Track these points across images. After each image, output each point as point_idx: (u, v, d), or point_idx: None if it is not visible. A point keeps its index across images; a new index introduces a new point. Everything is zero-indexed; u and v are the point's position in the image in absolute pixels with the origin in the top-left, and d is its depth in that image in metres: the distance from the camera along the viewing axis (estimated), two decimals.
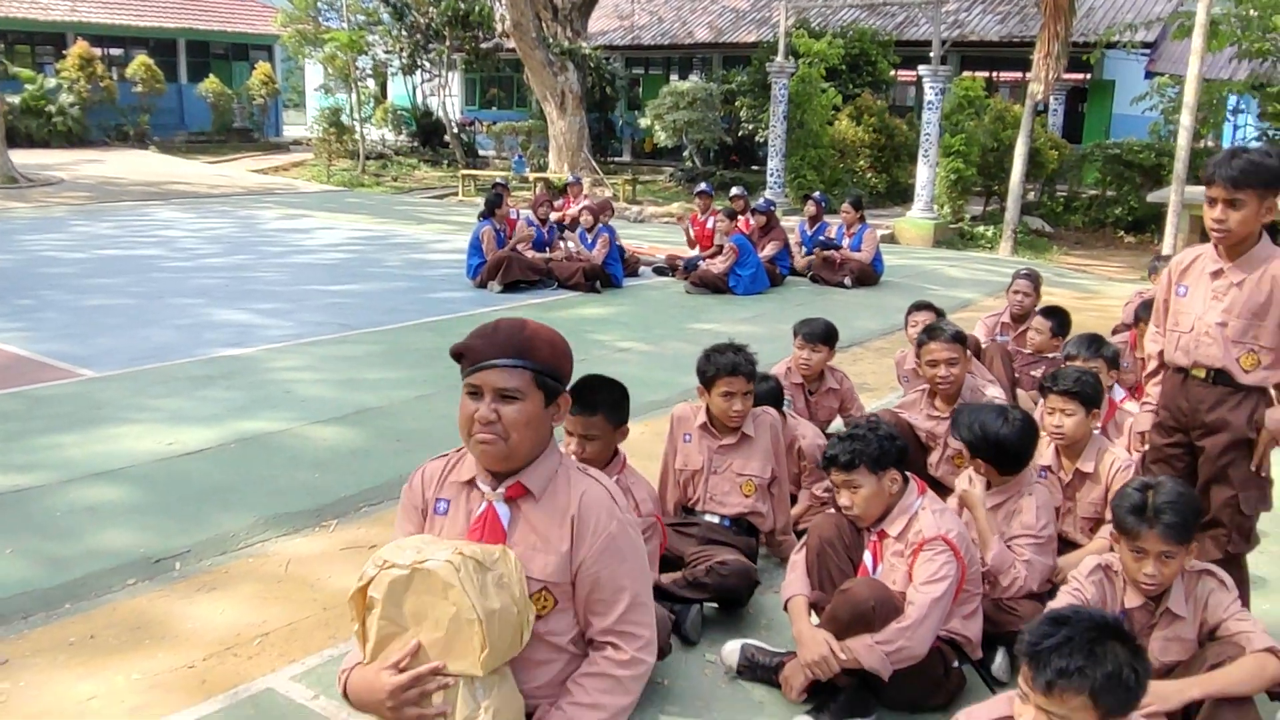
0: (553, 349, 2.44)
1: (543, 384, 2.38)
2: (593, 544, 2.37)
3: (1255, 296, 3.44)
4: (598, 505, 2.40)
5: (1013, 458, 3.59)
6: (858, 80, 21.27)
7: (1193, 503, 2.89)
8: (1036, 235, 17.61)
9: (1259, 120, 20.61)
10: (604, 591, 2.38)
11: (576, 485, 2.42)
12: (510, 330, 2.41)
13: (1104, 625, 2.13)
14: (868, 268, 11.56)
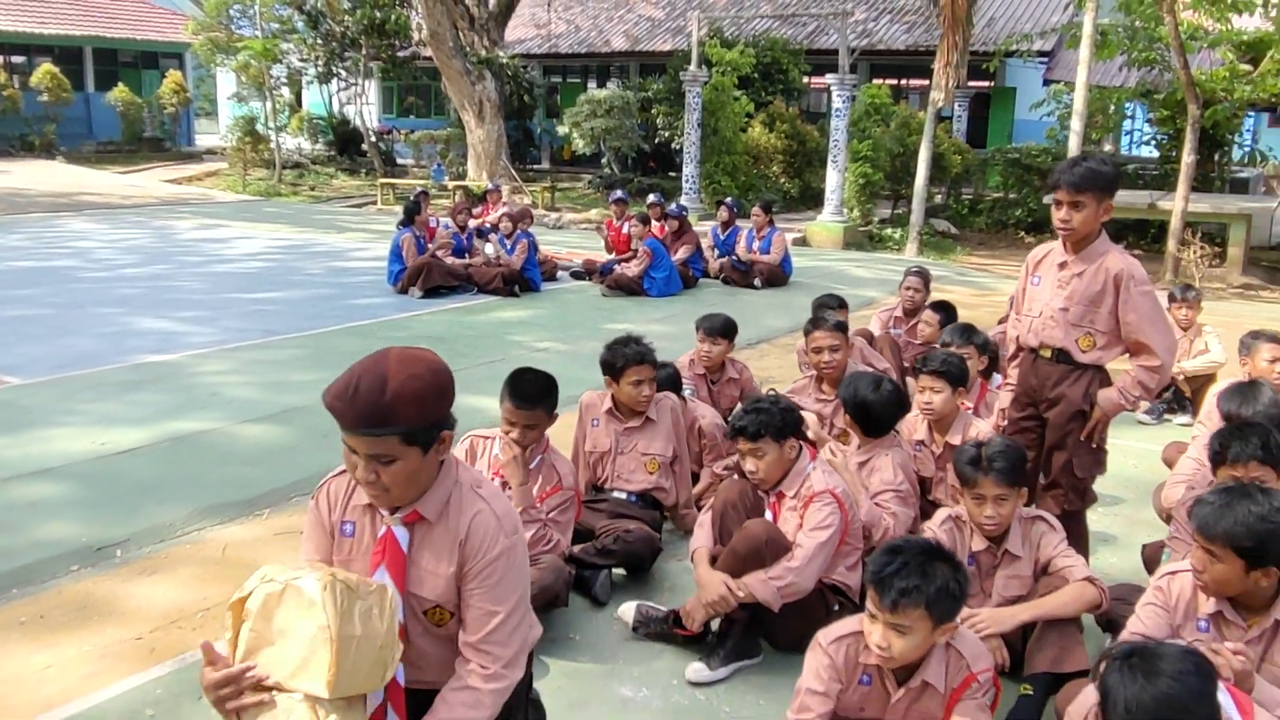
0: (419, 405, 2.27)
1: (415, 440, 2.29)
2: (474, 567, 2.40)
3: (1092, 286, 3.94)
4: (484, 531, 2.40)
5: (875, 420, 4.07)
6: (770, 88, 21.90)
7: (1018, 453, 3.38)
8: (942, 236, 18.39)
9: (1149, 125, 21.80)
10: (477, 611, 2.41)
11: (468, 509, 2.42)
12: (369, 395, 2.24)
13: (930, 549, 2.57)
14: (776, 269, 12.09)
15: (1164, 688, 2.09)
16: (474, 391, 7.10)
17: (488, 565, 2.38)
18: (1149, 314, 3.87)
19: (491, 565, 2.38)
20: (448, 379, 2.37)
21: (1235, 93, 17.74)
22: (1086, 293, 3.94)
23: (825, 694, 2.71)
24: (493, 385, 7.20)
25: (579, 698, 3.37)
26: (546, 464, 3.84)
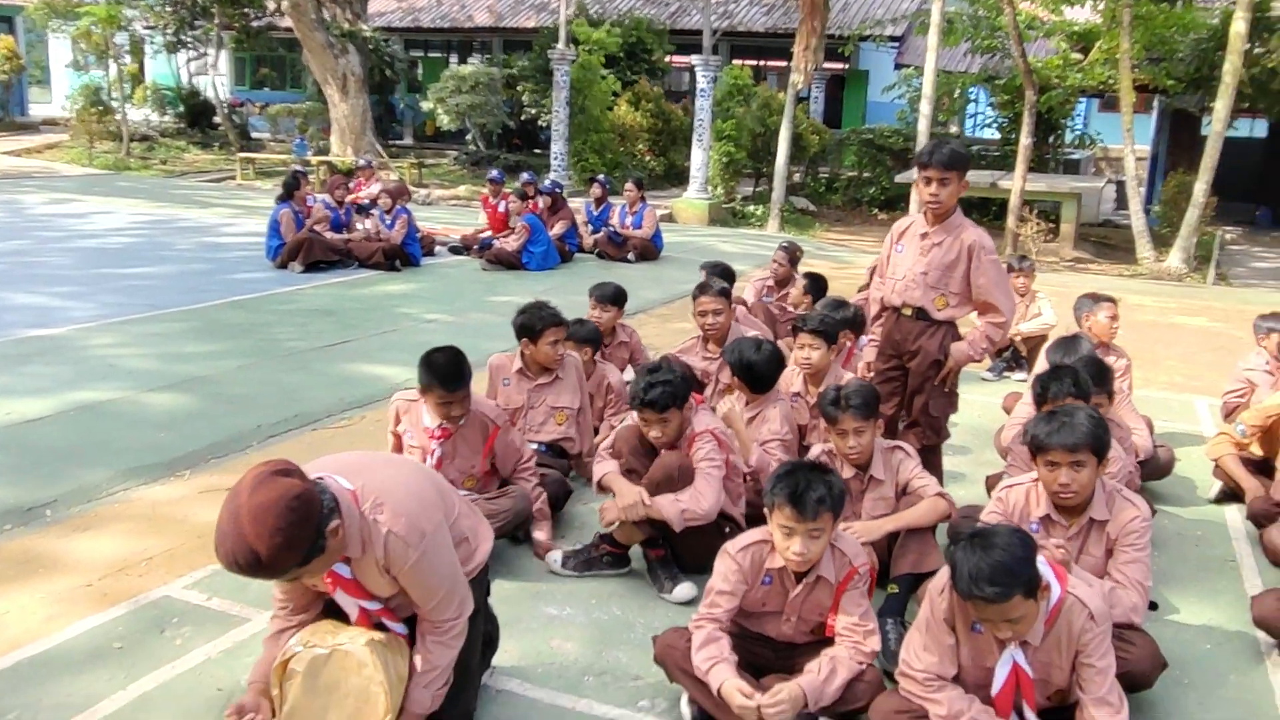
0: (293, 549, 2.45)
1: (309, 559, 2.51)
2: (401, 576, 2.74)
3: (949, 254, 4.57)
4: (395, 555, 2.69)
5: (760, 378, 4.62)
6: (635, 67, 22.38)
7: (871, 391, 4.01)
8: (801, 213, 19.29)
9: (992, 109, 23.27)
10: (418, 595, 2.80)
11: (377, 537, 2.68)
12: (251, 568, 2.45)
13: (817, 465, 3.10)
14: (649, 244, 12.63)
15: (997, 556, 2.67)
16: (371, 360, 7.39)
17: (410, 572, 2.75)
18: (996, 279, 4.54)
19: (413, 570, 2.75)
20: (304, 505, 2.46)
21: (1068, 80, 19.20)
22: (944, 260, 4.57)
23: (732, 593, 3.22)
24: (387, 354, 7.62)
25: (511, 616, 3.79)
26: (479, 410, 4.22)
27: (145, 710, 3.16)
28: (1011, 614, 2.68)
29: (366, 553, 2.70)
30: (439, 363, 4.11)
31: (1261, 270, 16.58)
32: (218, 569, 4.05)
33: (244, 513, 2.43)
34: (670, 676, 3.25)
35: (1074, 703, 2.89)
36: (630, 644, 3.70)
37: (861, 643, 3.15)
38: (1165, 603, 4.18)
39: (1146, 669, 3.27)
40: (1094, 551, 3.50)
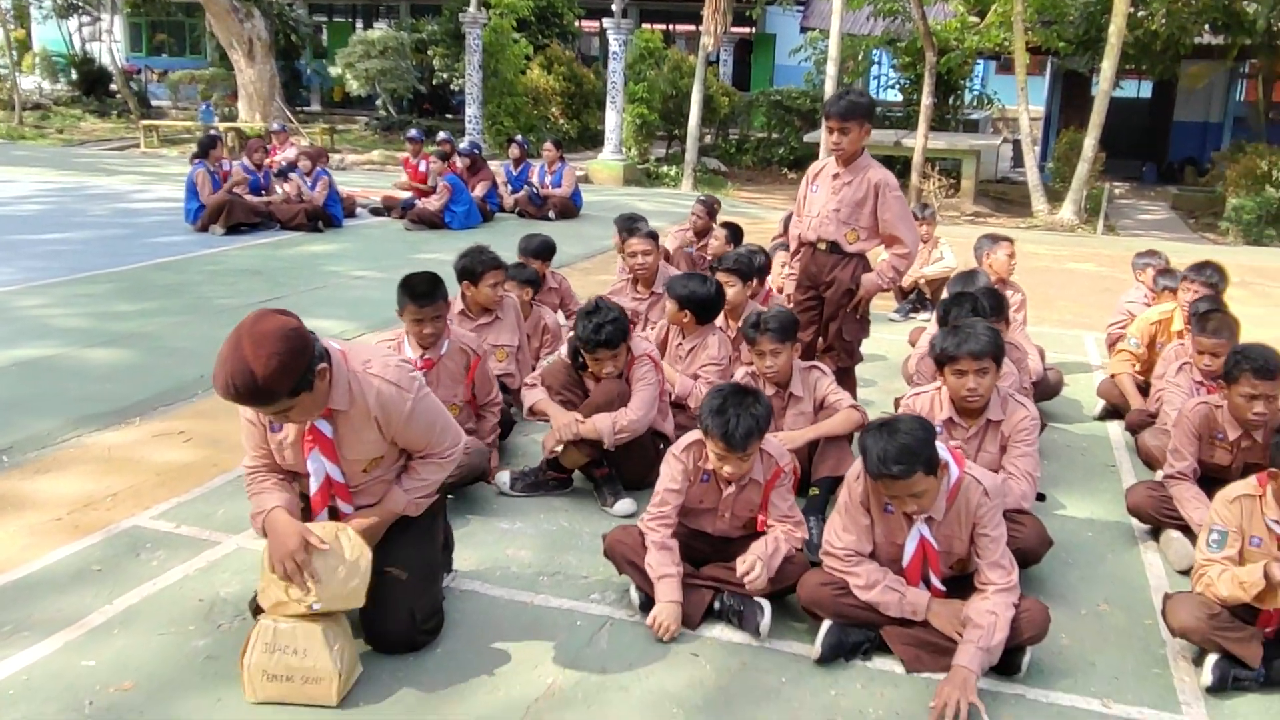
0: (287, 374, 2.69)
1: (299, 391, 2.76)
2: (397, 424, 3.02)
3: (858, 192, 4.97)
4: (391, 401, 2.98)
5: (707, 309, 5.01)
6: (546, 31, 22.45)
7: (788, 315, 4.41)
8: (714, 174, 19.67)
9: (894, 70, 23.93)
10: (416, 440, 3.12)
11: (369, 389, 2.95)
12: (246, 387, 2.67)
13: (742, 392, 3.45)
14: (568, 202, 12.88)
15: (901, 440, 3.06)
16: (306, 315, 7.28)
17: (406, 419, 3.05)
18: (900, 213, 4.95)
19: (410, 416, 3.05)
20: (299, 337, 2.76)
21: (966, 42, 19.89)
22: (854, 197, 4.97)
23: (679, 490, 3.57)
24: (321, 309, 7.78)
25: (467, 531, 4.10)
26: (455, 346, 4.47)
27: (133, 620, 3.39)
28: (916, 489, 3.09)
29: (354, 406, 2.96)
30: (414, 280, 4.36)
31: (1146, 221, 17.55)
32: (182, 500, 4.31)
33: (245, 338, 2.70)
34: (619, 569, 3.60)
35: (973, 571, 3.32)
36: (578, 549, 4.04)
37: (793, 530, 3.55)
38: (1054, 500, 4.68)
39: (1035, 546, 3.74)
40: (990, 449, 3.95)
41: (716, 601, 3.48)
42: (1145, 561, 4.15)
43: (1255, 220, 15.62)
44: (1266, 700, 3.17)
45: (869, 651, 3.31)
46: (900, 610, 3.25)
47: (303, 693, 2.95)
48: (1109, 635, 3.55)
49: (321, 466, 3.10)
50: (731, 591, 3.45)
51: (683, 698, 3.07)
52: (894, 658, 3.27)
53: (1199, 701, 3.16)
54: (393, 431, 3.07)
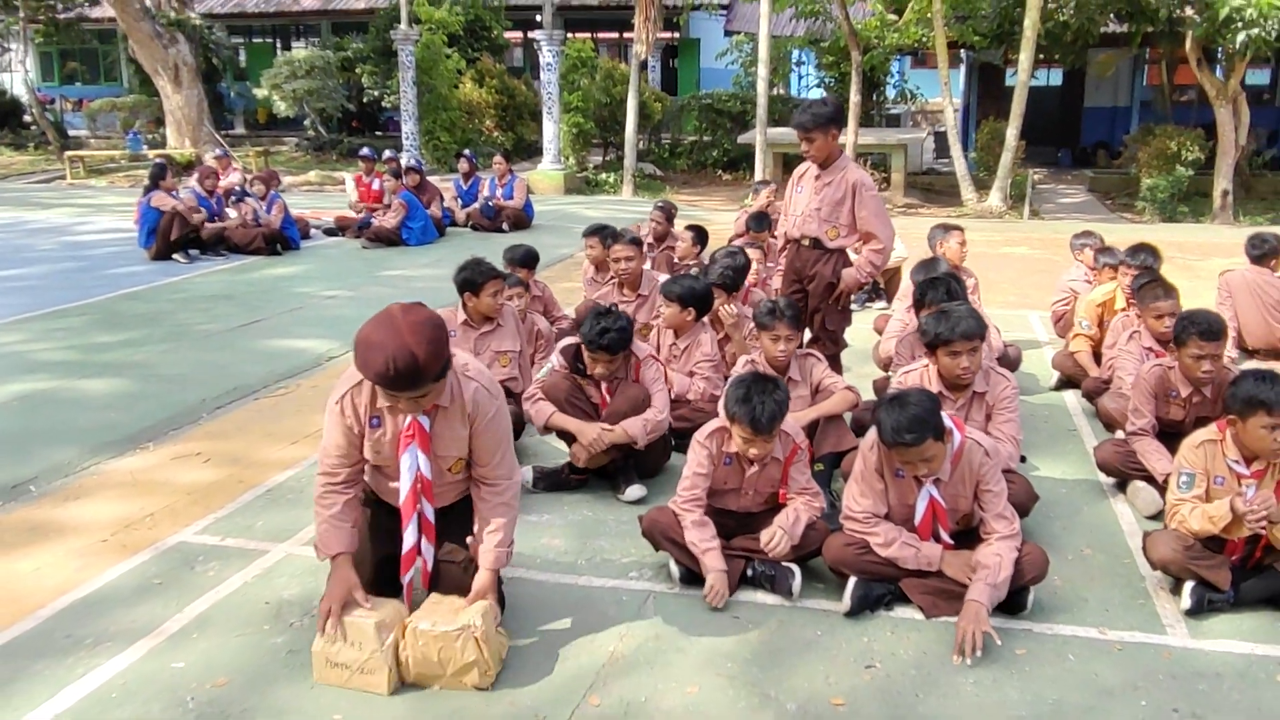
0: (440, 359, 3.01)
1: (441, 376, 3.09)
2: (481, 424, 3.30)
3: (836, 193, 5.36)
4: (484, 401, 3.29)
5: (705, 304, 5.40)
6: (477, 45, 22.61)
7: (798, 307, 4.75)
8: (651, 179, 20.06)
9: (818, 70, 24.57)
10: (487, 446, 3.36)
11: (467, 388, 3.26)
12: (408, 370, 2.93)
13: (763, 380, 3.78)
14: (521, 213, 13.14)
15: (912, 411, 3.43)
16: (290, 336, 7.74)
17: (490, 422, 3.34)
18: (875, 211, 5.35)
19: (492, 421, 3.35)
20: (443, 329, 3.05)
21: (886, 39, 20.56)
22: (834, 197, 5.36)
23: (706, 474, 3.89)
24: (303, 329, 7.97)
25: None
26: None
27: (208, 625, 3.61)
28: (927, 454, 3.46)
29: (454, 404, 3.27)
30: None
31: (1067, 205, 18.36)
32: (219, 515, 4.52)
33: (403, 326, 2.97)
34: (656, 545, 3.91)
35: (977, 525, 3.70)
36: (608, 534, 4.36)
37: (812, 500, 3.90)
38: (1028, 464, 5.10)
39: (1024, 500, 4.14)
40: (977, 417, 4.35)
41: (749, 569, 3.82)
42: (1116, 511, 4.60)
43: (1169, 198, 16.49)
44: (1237, 618, 3.62)
45: (891, 603, 3.68)
46: (917, 563, 3.62)
47: (358, 681, 3.19)
48: (1095, 574, 3.97)
49: (414, 462, 3.28)
50: (762, 559, 3.79)
51: (734, 654, 3.40)
52: (914, 606, 3.65)
53: (1180, 623, 3.59)
54: (476, 431, 3.33)
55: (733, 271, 6.04)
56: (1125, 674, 3.28)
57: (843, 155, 5.40)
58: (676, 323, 5.44)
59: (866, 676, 3.27)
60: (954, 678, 3.26)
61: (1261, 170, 19.85)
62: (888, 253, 5.48)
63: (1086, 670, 3.30)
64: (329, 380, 6.74)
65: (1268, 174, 19.86)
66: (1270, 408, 3.52)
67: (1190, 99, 20.15)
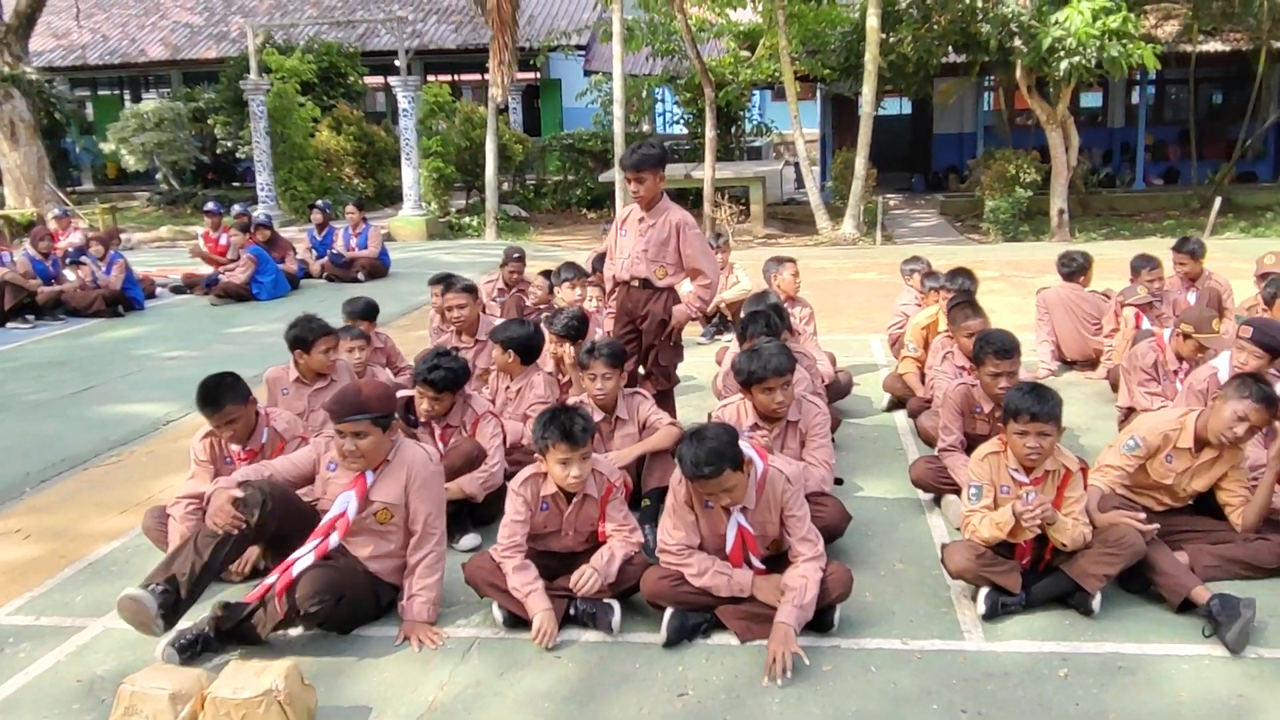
0: (380, 401, 3.86)
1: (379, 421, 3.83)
2: (416, 484, 3.92)
3: (661, 234, 5.53)
4: (421, 464, 3.95)
5: (530, 350, 5.48)
6: (332, 92, 22.37)
7: (619, 346, 4.88)
8: (515, 220, 20.13)
9: (677, 107, 25.11)
10: (419, 507, 3.93)
11: (411, 451, 4.00)
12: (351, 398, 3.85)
13: (566, 406, 3.88)
14: (377, 262, 13.04)
15: (709, 445, 3.57)
16: (124, 401, 7.53)
17: (425, 484, 3.95)
18: (700, 249, 5.53)
19: (426, 482, 3.96)
20: (395, 399, 4.01)
21: (740, 75, 21.21)
22: (659, 238, 5.52)
23: (524, 521, 3.96)
24: (139, 393, 7.78)
25: None
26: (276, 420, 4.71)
27: (15, 708, 3.49)
28: (726, 484, 3.61)
29: (395, 461, 3.94)
30: (200, 387, 4.51)
31: (919, 229, 19.15)
32: (36, 594, 4.40)
33: (365, 384, 4.22)
34: (480, 593, 3.96)
35: (786, 549, 3.85)
36: None
37: (629, 536, 4.00)
38: (853, 484, 5.33)
39: (837, 522, 4.34)
40: (791, 445, 4.54)
41: (571, 608, 3.89)
42: (930, 524, 4.83)
43: (1010, 219, 17.38)
44: (1028, 619, 3.86)
45: (708, 630, 3.80)
46: (730, 590, 3.75)
47: None
48: (905, 587, 4.17)
49: (344, 504, 3.87)
50: (583, 598, 3.87)
51: (552, 693, 3.46)
52: (729, 632, 3.77)
53: (977, 628, 3.81)
54: (412, 490, 3.91)
55: (576, 322, 6.18)
56: (922, 681, 3.46)
57: (664, 197, 5.57)
58: (505, 367, 5.53)
59: (679, 704, 3.38)
60: (762, 699, 3.38)
61: (1097, 189, 21.10)
62: (714, 287, 5.67)
63: (886, 680, 3.47)
64: (166, 445, 6.60)
65: (1103, 192, 21.13)
66: (1017, 414, 3.80)
67: (1029, 123, 21.29)
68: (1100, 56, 14.99)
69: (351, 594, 3.82)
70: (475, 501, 4.70)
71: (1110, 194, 21.21)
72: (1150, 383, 5.91)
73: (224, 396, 4.49)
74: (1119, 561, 3.83)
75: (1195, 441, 4.22)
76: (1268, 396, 4.05)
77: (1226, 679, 3.44)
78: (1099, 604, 3.84)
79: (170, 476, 5.81)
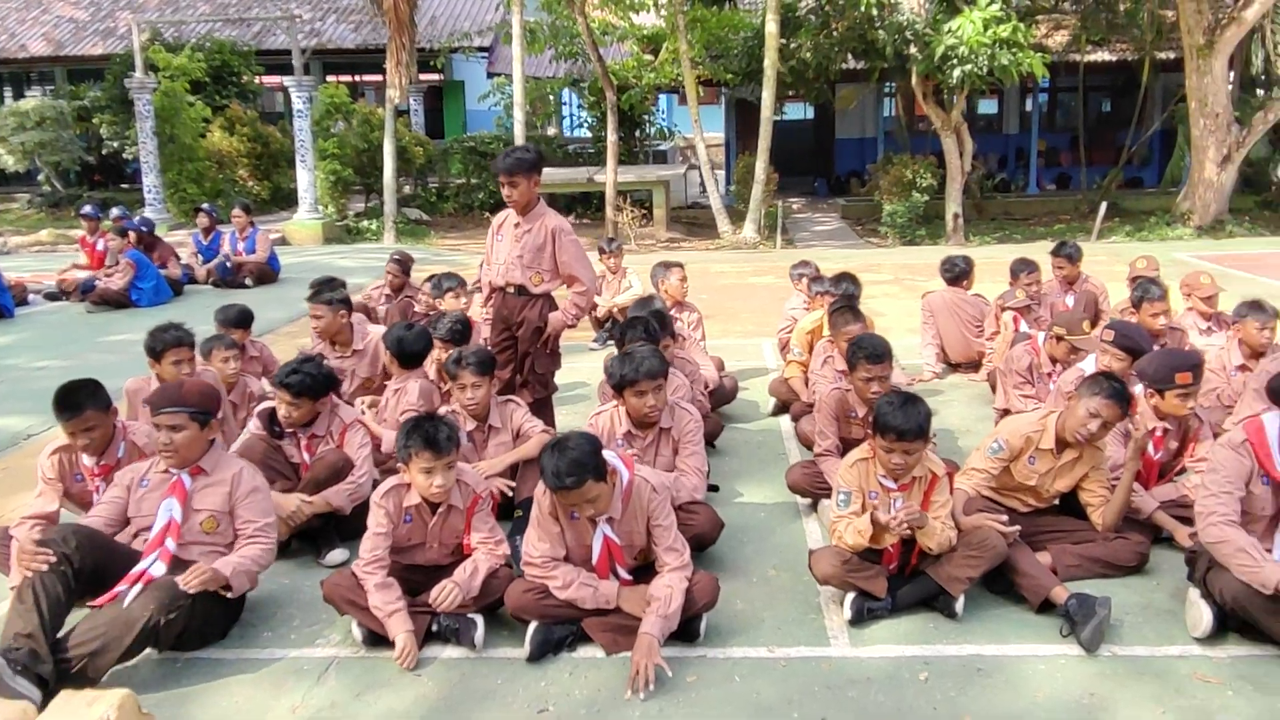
0: (202, 398, 3.95)
1: (199, 418, 3.89)
2: (241, 498, 3.92)
3: (537, 239, 5.43)
4: (246, 478, 3.97)
5: (410, 355, 5.41)
6: (224, 92, 21.74)
7: (487, 354, 4.79)
8: (416, 224, 19.79)
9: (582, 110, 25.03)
10: (250, 514, 3.94)
11: (233, 462, 4.02)
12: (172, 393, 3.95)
13: (432, 415, 3.78)
14: (265, 267, 12.67)
15: (571, 455, 3.50)
16: None
17: (250, 491, 3.96)
18: (576, 255, 5.45)
19: (253, 491, 3.97)
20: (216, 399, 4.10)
21: (644, 79, 21.24)
22: (534, 244, 5.43)
23: (386, 534, 3.84)
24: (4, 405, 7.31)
25: None
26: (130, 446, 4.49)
27: None
28: (589, 495, 3.54)
29: (216, 472, 3.95)
30: (57, 392, 4.31)
31: (821, 232, 19.41)
32: None
33: (188, 380, 4.33)
34: (340, 610, 3.82)
35: (654, 560, 3.81)
36: (301, 601, 4.22)
37: (494, 549, 3.90)
38: (732, 490, 5.33)
39: (709, 530, 4.31)
40: (665, 452, 4.50)
41: (434, 624, 3.78)
42: (807, 530, 4.84)
43: (907, 223, 17.72)
44: (894, 623, 3.88)
45: (574, 643, 3.73)
46: (595, 602, 3.69)
47: None
48: (777, 594, 4.16)
49: (169, 511, 3.85)
50: (446, 613, 3.76)
51: (409, 713, 3.35)
52: (596, 645, 3.70)
53: (844, 633, 3.81)
54: (239, 502, 3.92)
55: (460, 326, 6.07)
56: (785, 689, 3.44)
57: (540, 202, 5.48)
58: (395, 372, 5.39)
59: None
60: (623, 712, 3.33)
61: (992, 193, 21.64)
62: (591, 294, 5.60)
63: (750, 690, 3.45)
64: (24, 461, 6.27)
65: (998, 196, 21.68)
66: (884, 431, 3.80)
67: (928, 129, 21.76)
68: (992, 64, 15.36)
69: (202, 601, 3.66)
70: (343, 514, 4.55)
71: (1005, 198, 21.77)
72: (1025, 385, 6.04)
73: (85, 401, 4.27)
74: (981, 564, 3.87)
75: (1056, 443, 4.30)
76: (1119, 393, 4.14)
77: (1080, 678, 3.49)
78: (962, 606, 3.88)
79: (26, 494, 5.51)
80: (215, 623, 3.84)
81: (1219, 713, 3.27)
